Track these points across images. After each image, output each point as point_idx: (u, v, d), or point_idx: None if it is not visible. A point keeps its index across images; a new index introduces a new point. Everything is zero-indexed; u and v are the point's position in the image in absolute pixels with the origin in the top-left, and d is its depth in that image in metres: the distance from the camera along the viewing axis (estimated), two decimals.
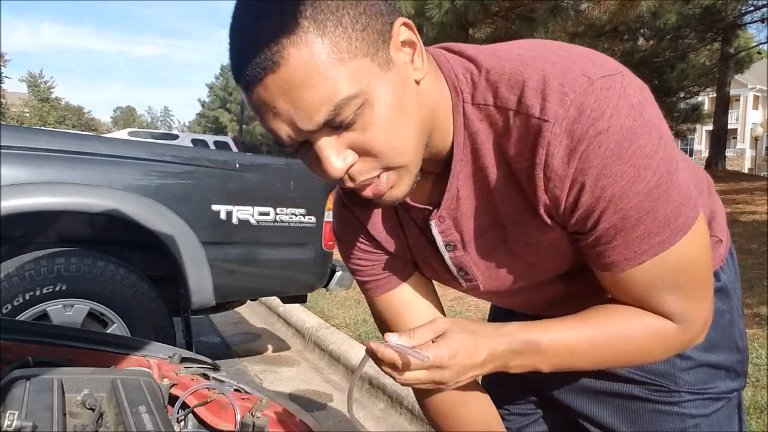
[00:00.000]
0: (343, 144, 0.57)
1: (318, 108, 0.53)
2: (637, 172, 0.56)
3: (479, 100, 0.62)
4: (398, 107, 0.57)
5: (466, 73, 0.64)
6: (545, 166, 0.58)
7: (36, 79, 40.10)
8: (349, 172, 0.59)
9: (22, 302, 2.04)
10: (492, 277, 0.75)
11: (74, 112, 47.97)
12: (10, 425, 0.56)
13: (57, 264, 2.11)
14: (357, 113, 0.55)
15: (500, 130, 0.61)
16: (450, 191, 0.67)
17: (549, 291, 0.78)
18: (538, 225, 0.65)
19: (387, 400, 2.61)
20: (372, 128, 0.56)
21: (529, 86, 0.58)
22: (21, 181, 2.03)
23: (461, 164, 0.65)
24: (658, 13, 7.92)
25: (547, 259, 0.70)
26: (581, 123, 0.55)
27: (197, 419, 0.83)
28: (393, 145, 0.58)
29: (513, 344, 0.66)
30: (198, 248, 2.35)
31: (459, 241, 0.71)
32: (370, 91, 0.55)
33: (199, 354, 1.03)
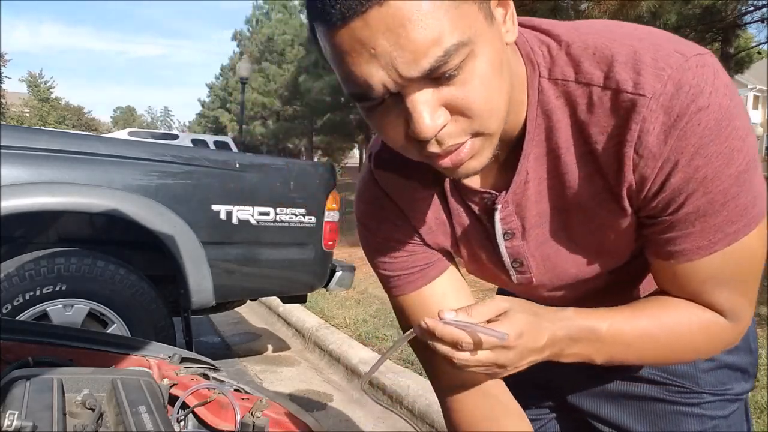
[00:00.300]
0: (440, 100, 0.51)
1: (426, 51, 0.47)
2: (731, 154, 0.53)
3: (557, 75, 0.58)
4: (498, 65, 0.52)
5: (542, 46, 0.59)
6: (638, 144, 0.55)
7: (36, 79, 40.09)
8: (439, 134, 0.52)
9: (22, 302, 2.04)
10: (546, 269, 0.70)
11: (74, 112, 47.95)
12: (10, 425, 0.56)
13: (57, 264, 2.12)
14: (461, 65, 0.49)
15: (580, 107, 0.57)
16: (520, 174, 0.62)
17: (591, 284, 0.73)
18: (611, 210, 0.61)
19: (387, 400, 2.61)
20: (472, 84, 0.50)
21: (619, 60, 0.54)
22: (21, 181, 2.03)
23: (532, 144, 0.61)
24: (658, 13, 7.91)
25: (607, 249, 0.66)
26: (680, 99, 0.52)
27: (197, 419, 0.83)
28: (490, 106, 0.52)
29: (572, 330, 0.62)
30: (198, 248, 2.35)
31: (519, 229, 0.66)
32: (477, 42, 0.49)
33: (199, 354, 1.03)
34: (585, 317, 0.63)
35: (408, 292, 0.75)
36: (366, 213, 0.76)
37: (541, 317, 0.60)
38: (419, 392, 2.44)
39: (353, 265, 3.17)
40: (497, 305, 0.59)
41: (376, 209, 0.74)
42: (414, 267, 0.74)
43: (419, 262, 0.74)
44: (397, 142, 0.55)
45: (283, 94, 24.45)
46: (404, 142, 0.55)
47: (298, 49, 23.90)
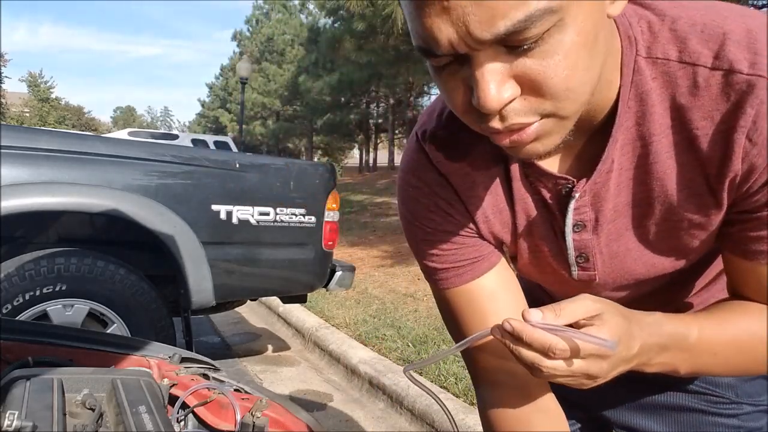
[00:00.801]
0: (511, 72, 0.45)
1: (505, 13, 0.40)
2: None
3: (657, 54, 0.53)
4: (592, 40, 0.45)
5: (641, 21, 0.54)
6: (752, 130, 0.50)
7: (36, 79, 40.10)
8: (504, 109, 0.46)
9: (22, 302, 2.04)
10: (612, 268, 0.65)
11: (74, 112, 47.96)
12: (10, 425, 0.56)
13: (57, 264, 2.12)
14: (545, 36, 0.42)
15: (681, 90, 0.52)
16: (605, 162, 0.57)
17: (659, 286, 0.69)
18: (701, 204, 0.56)
19: (387, 400, 2.61)
20: (553, 58, 0.44)
21: (732, 39, 0.50)
22: (21, 181, 2.03)
23: (621, 130, 0.56)
24: None
25: (682, 249, 0.62)
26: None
27: (197, 419, 0.83)
28: (570, 86, 0.45)
29: (662, 337, 0.56)
30: (198, 248, 2.35)
31: (592, 221, 0.61)
32: (570, 10, 0.42)
33: (199, 354, 1.03)
34: (674, 323, 0.57)
35: (455, 286, 0.68)
36: (414, 199, 0.67)
37: (632, 322, 0.54)
38: (419, 392, 2.44)
39: (353, 265, 3.17)
40: (589, 306, 0.52)
41: (428, 194, 0.66)
42: (464, 260, 0.67)
43: (470, 255, 0.67)
44: (462, 111, 0.49)
45: (283, 94, 24.45)
46: (465, 111, 0.49)
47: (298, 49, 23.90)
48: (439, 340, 3.14)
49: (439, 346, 3.00)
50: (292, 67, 23.62)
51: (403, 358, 2.89)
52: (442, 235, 0.67)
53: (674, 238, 0.61)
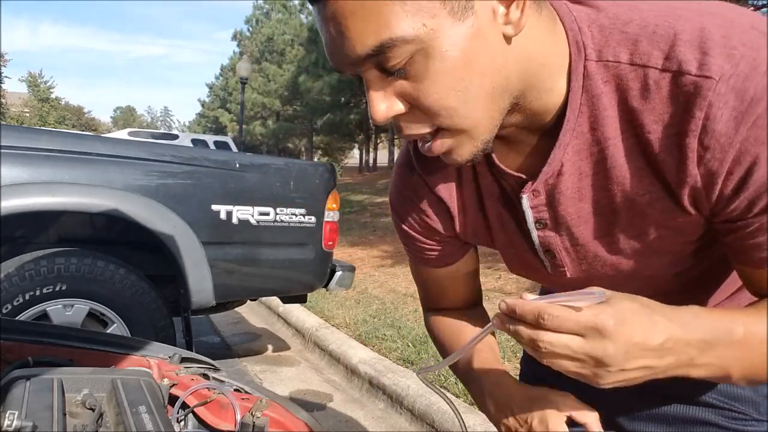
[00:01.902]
0: (393, 91, 0.51)
1: (363, 41, 0.48)
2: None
3: (608, 57, 0.53)
4: (463, 64, 0.49)
5: (592, 25, 0.54)
6: (702, 133, 0.48)
7: (36, 79, 40.11)
8: (397, 122, 0.53)
9: (22, 302, 2.04)
10: (582, 269, 0.66)
11: (74, 112, 47.96)
12: (10, 425, 0.56)
13: (57, 264, 2.12)
14: (410, 62, 0.49)
15: (632, 93, 0.52)
16: (551, 164, 0.58)
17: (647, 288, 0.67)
18: (666, 209, 0.55)
19: (387, 400, 2.61)
20: (424, 82, 0.49)
21: (683, 39, 0.49)
22: (21, 181, 2.03)
23: (572, 134, 0.56)
24: None
25: (664, 251, 0.60)
26: (755, 81, 0.46)
27: (197, 419, 0.83)
28: (446, 105, 0.50)
29: (701, 331, 0.50)
30: (198, 248, 2.35)
31: (552, 220, 0.62)
32: (429, 40, 0.47)
33: (199, 354, 1.03)
34: (716, 315, 0.52)
35: (423, 265, 0.79)
36: (397, 190, 0.76)
37: (654, 311, 0.49)
38: (419, 392, 2.44)
39: (353, 265, 3.17)
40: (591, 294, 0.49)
41: (408, 190, 0.73)
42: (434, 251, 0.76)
43: (439, 248, 0.76)
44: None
45: (283, 94, 24.45)
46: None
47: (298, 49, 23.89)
48: None
49: None
50: (292, 67, 23.62)
51: (403, 358, 2.89)
52: (416, 227, 0.74)
53: (643, 243, 0.59)
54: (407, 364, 2.82)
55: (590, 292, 0.49)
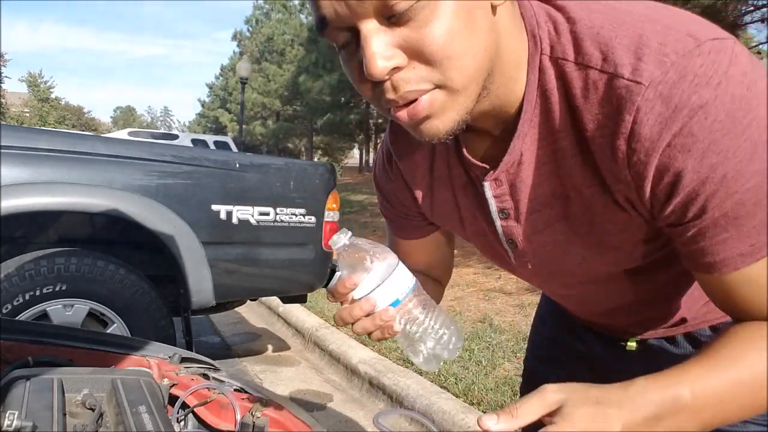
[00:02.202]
0: (394, 41, 0.49)
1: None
2: (754, 148, 0.47)
3: (558, 54, 0.54)
4: (466, 15, 0.49)
5: (549, 21, 0.56)
6: (630, 136, 0.50)
7: (36, 79, 40.11)
8: (394, 78, 0.50)
9: (22, 302, 2.04)
10: (545, 258, 0.67)
11: (74, 112, 47.97)
12: (10, 425, 0.56)
13: (57, 264, 2.12)
14: (417, 6, 0.47)
15: (575, 91, 0.53)
16: (512, 154, 0.59)
17: (610, 288, 0.70)
18: (606, 203, 0.57)
19: (387, 400, 2.61)
20: (430, 26, 0.48)
21: (621, 43, 0.50)
22: (21, 181, 2.03)
23: (529, 125, 0.57)
24: None
25: (613, 246, 0.61)
26: (681, 88, 0.47)
27: (197, 419, 0.83)
28: (450, 53, 0.49)
29: (650, 408, 0.51)
30: (198, 248, 2.35)
31: (513, 209, 0.63)
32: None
33: (199, 354, 1.03)
34: (662, 386, 0.52)
35: (399, 237, 0.84)
36: (377, 166, 0.81)
37: (605, 405, 0.50)
38: (419, 392, 2.44)
39: None
40: (549, 399, 0.51)
41: (384, 169, 0.79)
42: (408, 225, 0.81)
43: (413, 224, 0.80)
44: (363, 89, 0.53)
45: (283, 94, 24.45)
46: (369, 89, 0.53)
47: (298, 49, 23.89)
48: None
49: None
50: (292, 67, 23.61)
51: (403, 358, 2.89)
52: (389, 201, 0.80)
53: (597, 233, 0.60)
54: (407, 364, 2.81)
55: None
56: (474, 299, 4.00)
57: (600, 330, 0.85)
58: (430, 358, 0.64)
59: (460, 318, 3.60)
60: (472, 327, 3.39)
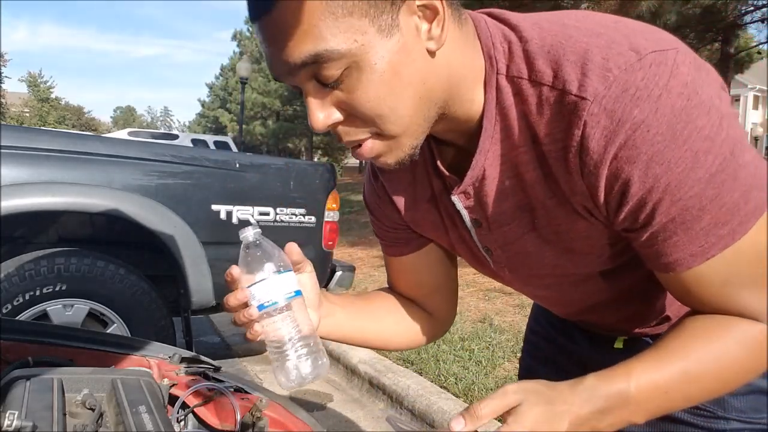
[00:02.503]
0: (330, 100, 0.56)
1: (299, 50, 0.52)
2: (696, 157, 0.50)
3: (514, 73, 0.57)
4: (391, 76, 0.54)
5: (504, 42, 0.58)
6: (580, 150, 0.53)
7: (36, 79, 40.13)
8: (336, 129, 0.58)
9: (22, 302, 2.04)
10: (520, 264, 0.70)
11: (74, 112, 47.98)
12: (10, 425, 0.56)
13: (57, 264, 2.12)
14: (344, 74, 0.53)
15: (531, 107, 0.56)
16: (474, 169, 0.62)
17: (586, 288, 0.72)
18: (568, 212, 0.60)
19: (387, 400, 2.61)
20: (357, 92, 0.54)
21: (569, 59, 0.53)
22: (21, 181, 2.03)
23: (490, 141, 0.60)
24: (658, 12, 7.91)
25: (581, 251, 0.64)
26: (624, 102, 0.50)
27: (197, 419, 0.83)
28: (379, 113, 0.55)
29: (597, 403, 0.56)
30: (198, 248, 2.35)
31: (485, 220, 0.66)
32: (361, 54, 0.52)
33: (199, 354, 1.03)
34: (609, 381, 0.57)
35: (390, 255, 0.85)
36: (366, 181, 0.84)
37: (556, 403, 0.55)
38: (419, 392, 2.44)
39: (353, 265, 3.17)
40: (506, 400, 0.55)
41: (371, 186, 0.81)
42: (397, 239, 0.82)
43: (401, 237, 0.81)
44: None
45: (283, 94, 24.44)
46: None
47: None
48: (439, 340, 3.14)
49: (439, 346, 3.00)
50: None
51: (403, 358, 2.90)
52: (376, 216, 0.82)
53: (565, 240, 0.63)
54: (407, 364, 2.82)
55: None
56: (474, 299, 4.00)
57: (588, 328, 0.86)
58: (280, 373, 0.69)
59: (460, 318, 3.60)
60: (472, 327, 3.39)
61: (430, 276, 0.85)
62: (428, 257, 0.83)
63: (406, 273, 0.86)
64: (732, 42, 11.36)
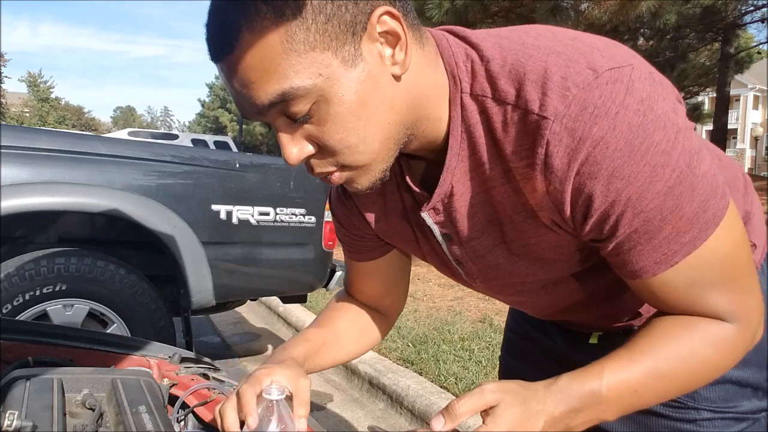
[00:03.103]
0: (301, 135, 0.57)
1: (265, 91, 0.53)
2: (654, 171, 0.52)
3: (477, 92, 0.58)
4: (358, 106, 0.55)
5: (467, 61, 0.59)
6: (544, 167, 0.54)
7: (36, 79, 40.09)
8: (308, 163, 0.59)
9: (22, 302, 2.04)
10: (491, 276, 0.72)
11: (74, 112, 47.97)
12: (10, 425, 0.56)
13: (57, 264, 2.12)
14: (312, 109, 0.54)
15: (496, 125, 0.57)
16: (442, 186, 0.63)
17: (560, 291, 0.74)
18: (536, 226, 0.61)
19: (387, 400, 2.61)
20: (327, 125, 0.55)
21: (530, 79, 0.54)
22: (21, 181, 2.03)
23: (457, 159, 0.61)
24: (658, 13, 7.90)
25: (551, 259, 0.66)
26: (583, 121, 0.51)
27: (197, 419, 0.83)
28: (348, 144, 0.56)
29: (570, 402, 0.58)
30: (198, 248, 2.35)
31: (455, 235, 0.68)
32: (327, 87, 0.53)
33: (199, 354, 1.03)
34: (581, 381, 0.59)
35: (351, 259, 0.86)
36: (332, 191, 0.85)
37: (531, 404, 0.57)
38: (419, 392, 2.44)
39: None
40: (485, 399, 0.57)
41: (338, 193, 0.82)
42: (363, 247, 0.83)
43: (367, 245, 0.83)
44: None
45: None
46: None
47: None
48: (439, 340, 3.14)
49: (439, 346, 3.00)
50: None
51: (403, 358, 2.90)
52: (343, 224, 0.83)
53: (534, 252, 0.65)
54: (407, 364, 2.82)
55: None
56: (474, 299, 4.00)
57: (565, 326, 0.88)
58: None
59: (460, 318, 3.60)
60: (472, 327, 3.39)
61: (391, 275, 0.88)
62: (391, 259, 0.85)
63: (369, 275, 0.87)
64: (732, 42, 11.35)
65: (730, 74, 12.08)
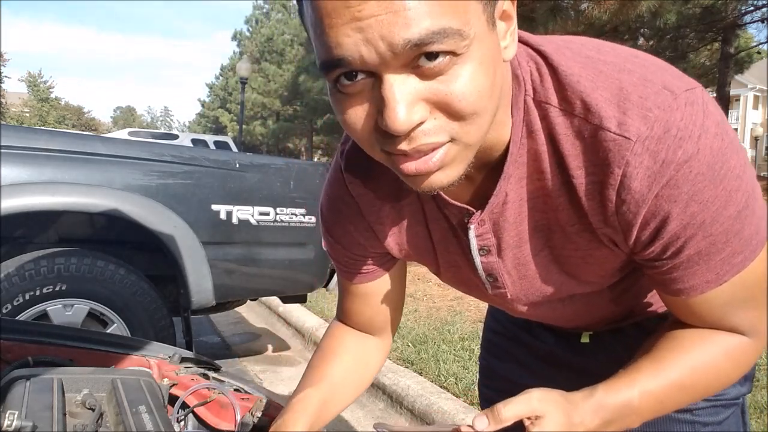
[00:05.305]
0: (421, 93, 0.46)
1: (420, 21, 0.42)
2: (729, 195, 0.51)
3: (542, 98, 0.55)
4: (492, 72, 0.48)
5: (530, 62, 0.56)
6: (620, 187, 0.52)
7: (36, 79, 40.11)
8: (414, 131, 0.47)
9: (22, 302, 2.04)
10: (523, 288, 0.70)
11: (74, 112, 47.99)
12: (10, 425, 0.56)
13: (57, 264, 2.12)
14: (449, 61, 0.44)
15: (560, 136, 0.54)
16: (498, 195, 0.59)
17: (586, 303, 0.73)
18: (590, 239, 0.60)
19: (387, 400, 2.61)
20: (459, 81, 0.45)
21: (603, 96, 0.52)
22: (21, 181, 2.03)
23: (515, 166, 0.58)
24: (658, 13, 7.91)
25: (590, 272, 0.65)
26: (667, 144, 0.50)
27: (197, 419, 0.83)
28: (477, 110, 0.47)
29: (606, 415, 0.59)
30: (198, 248, 2.35)
31: (495, 246, 0.65)
32: (474, 41, 0.45)
33: (199, 354, 1.03)
34: (616, 391, 0.60)
35: (350, 281, 0.79)
36: (327, 207, 0.75)
37: (572, 417, 0.58)
38: (419, 392, 2.44)
39: None
40: (531, 407, 0.57)
41: (338, 207, 0.73)
42: (363, 268, 0.76)
43: (365, 264, 0.76)
44: (361, 133, 0.49)
45: (283, 94, 24.44)
46: (369, 134, 0.49)
47: (297, 49, 23.90)
48: (439, 340, 3.14)
49: (439, 346, 3.00)
50: (292, 67, 23.61)
51: (403, 358, 2.90)
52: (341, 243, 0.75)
53: (575, 264, 0.64)
54: (407, 364, 2.82)
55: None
56: (474, 299, 4.00)
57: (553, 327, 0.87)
58: None
59: (460, 318, 3.61)
60: (472, 327, 3.39)
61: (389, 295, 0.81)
62: (390, 278, 0.80)
63: (363, 297, 0.80)
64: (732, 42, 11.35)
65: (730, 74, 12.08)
